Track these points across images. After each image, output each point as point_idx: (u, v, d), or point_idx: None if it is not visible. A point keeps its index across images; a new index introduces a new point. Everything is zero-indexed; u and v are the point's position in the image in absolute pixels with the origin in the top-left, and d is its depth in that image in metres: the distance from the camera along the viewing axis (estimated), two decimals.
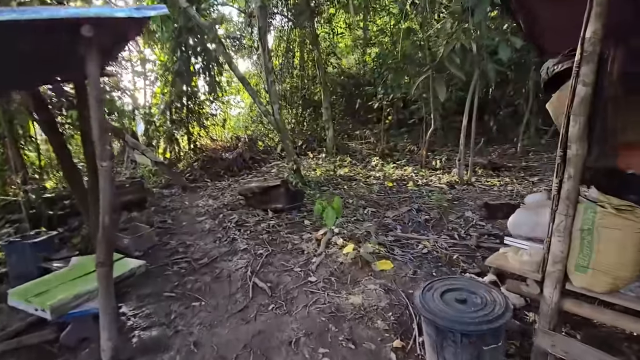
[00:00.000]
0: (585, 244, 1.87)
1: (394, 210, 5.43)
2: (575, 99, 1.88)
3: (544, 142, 9.39)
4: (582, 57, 1.83)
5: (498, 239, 4.07)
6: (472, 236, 4.20)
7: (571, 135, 1.90)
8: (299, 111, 14.38)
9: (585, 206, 1.86)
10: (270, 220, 5.30)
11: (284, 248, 4.15)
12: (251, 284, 3.29)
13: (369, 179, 7.93)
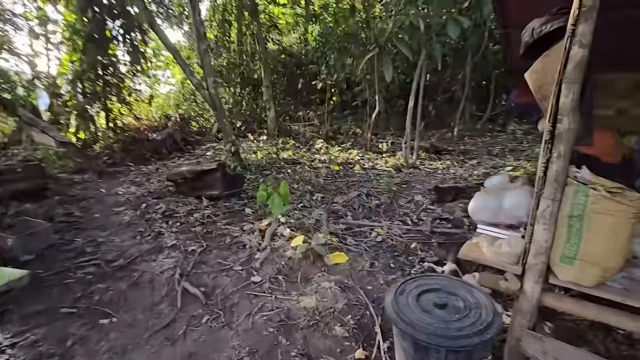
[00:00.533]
0: (573, 232, 1.65)
1: (343, 195, 5.10)
2: (569, 63, 1.60)
3: (479, 127, 9.85)
4: (579, 13, 1.55)
5: (450, 223, 3.97)
6: (425, 221, 4.05)
7: (563, 106, 1.63)
8: (237, 90, 13.34)
9: (576, 189, 1.63)
10: (204, 210, 4.63)
11: (222, 242, 3.56)
12: (180, 289, 2.68)
13: (314, 162, 7.52)
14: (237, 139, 10.95)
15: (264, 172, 6.80)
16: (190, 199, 5.14)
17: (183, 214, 4.45)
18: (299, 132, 11.52)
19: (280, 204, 3.13)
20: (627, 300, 1.58)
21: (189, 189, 5.27)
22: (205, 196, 5.07)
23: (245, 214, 4.46)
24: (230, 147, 6.66)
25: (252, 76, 13.21)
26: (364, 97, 10.57)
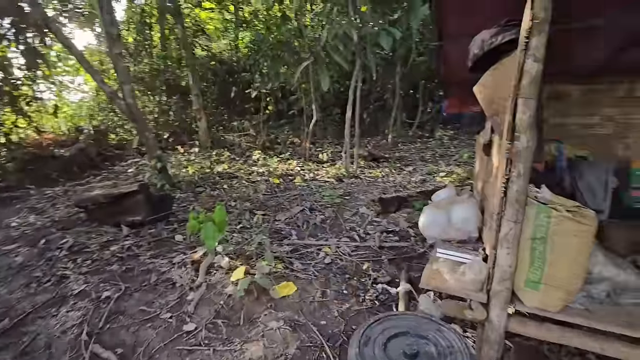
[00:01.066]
0: (536, 254, 1.57)
1: (285, 211, 4.79)
2: (524, 77, 1.52)
3: (411, 133, 10.30)
4: (532, 26, 1.48)
5: (397, 236, 3.89)
6: (371, 235, 3.92)
7: (520, 122, 1.55)
8: (162, 98, 12.23)
9: (537, 210, 1.55)
10: (124, 241, 3.96)
11: (146, 282, 3.00)
12: (87, 355, 2.12)
13: (251, 175, 7.08)
14: (165, 153, 9.99)
15: (196, 189, 6.19)
16: (107, 227, 4.39)
17: (96, 248, 3.73)
18: (234, 143, 10.92)
19: (216, 235, 2.70)
20: (592, 323, 1.54)
21: (105, 216, 4.50)
22: (125, 223, 4.36)
23: (175, 243, 3.89)
24: (156, 162, 5.92)
25: (179, 83, 12.23)
26: (300, 106, 10.41)
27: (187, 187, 6.20)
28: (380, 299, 2.63)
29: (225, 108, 13.23)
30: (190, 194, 5.90)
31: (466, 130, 10.96)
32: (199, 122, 10.29)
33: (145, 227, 4.36)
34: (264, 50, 10.52)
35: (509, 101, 1.63)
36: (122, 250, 3.71)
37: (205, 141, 10.35)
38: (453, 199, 2.69)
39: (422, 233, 2.70)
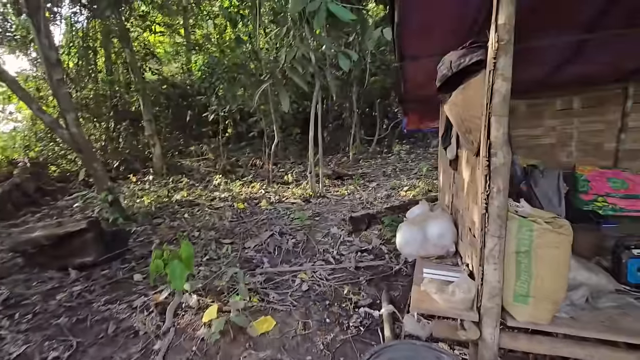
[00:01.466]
0: (522, 268, 1.59)
1: (254, 238, 4.58)
2: (495, 96, 1.57)
3: (371, 150, 10.55)
4: (498, 48, 1.54)
5: (371, 254, 3.86)
6: (346, 256, 3.85)
7: (495, 140, 1.58)
8: (110, 125, 11.49)
9: (519, 224, 1.58)
10: (73, 286, 3.53)
11: (102, 334, 2.65)
12: None
13: (214, 201, 6.77)
14: (115, 183, 9.32)
15: (154, 220, 5.76)
16: (51, 272, 3.91)
17: (38, 298, 3.27)
18: (192, 168, 10.48)
19: (184, 272, 2.47)
20: (577, 332, 1.57)
21: (48, 259, 4.01)
22: (73, 266, 3.91)
23: (133, 283, 3.53)
24: (106, 195, 5.44)
25: (128, 109, 11.61)
26: (260, 128, 10.29)
27: (143, 219, 5.75)
28: (365, 324, 2.54)
29: (181, 132, 12.73)
30: (147, 226, 5.47)
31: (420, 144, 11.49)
32: (153, 148, 9.78)
33: (97, 268, 3.93)
34: (218, 73, 10.38)
35: (481, 119, 1.67)
36: (71, 297, 3.28)
37: (160, 168, 9.83)
38: (427, 215, 2.71)
39: (400, 251, 2.68)
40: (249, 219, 5.43)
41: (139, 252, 4.35)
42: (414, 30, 2.55)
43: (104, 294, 3.33)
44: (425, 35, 2.61)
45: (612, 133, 3.72)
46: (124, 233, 4.58)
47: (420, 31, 2.55)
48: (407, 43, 2.75)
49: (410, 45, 2.79)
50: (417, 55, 2.96)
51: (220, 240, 4.61)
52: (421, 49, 2.84)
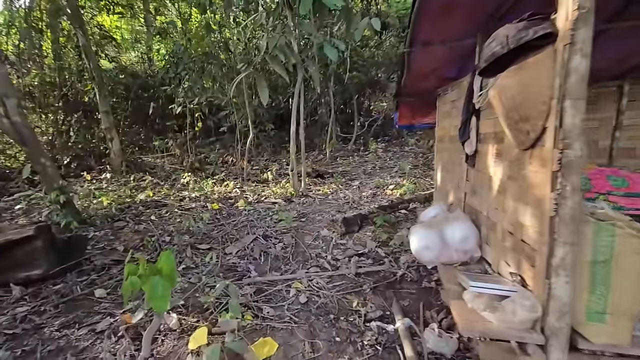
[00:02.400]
0: (598, 280, 1.35)
1: (235, 242, 4.13)
2: (572, 76, 1.32)
3: (350, 147, 10.32)
4: (577, 17, 1.28)
5: (368, 259, 3.57)
6: (341, 261, 3.54)
7: (570, 128, 1.33)
8: (59, 117, 10.29)
9: (597, 228, 1.34)
10: (16, 307, 2.89)
11: None
12: None
13: (184, 202, 6.17)
14: (66, 182, 8.32)
15: (115, 223, 5.09)
16: None
17: None
18: (156, 165, 9.65)
19: (167, 291, 2.00)
20: None
21: None
22: (17, 281, 3.24)
23: (95, 300, 2.97)
24: (57, 195, 4.70)
25: (81, 99, 10.46)
26: (230, 123, 9.69)
27: (102, 223, 5.06)
28: (380, 342, 2.23)
29: (141, 126, 11.74)
30: (107, 230, 4.81)
31: (395, 142, 11.47)
32: (110, 143, 8.85)
33: (48, 283, 3.29)
34: (185, 62, 9.64)
35: (546, 103, 1.41)
36: (14, 322, 2.67)
37: (119, 165, 8.92)
38: (445, 217, 2.45)
39: (417, 257, 2.40)
40: (226, 221, 4.94)
41: (99, 262, 3.74)
42: (434, 11, 2.28)
43: (58, 316, 2.75)
44: (444, 17, 2.35)
45: (607, 131, 3.72)
46: (81, 239, 3.93)
47: (440, 12, 2.28)
48: (424, 25, 2.47)
49: (425, 29, 2.52)
50: (429, 40, 2.71)
51: (196, 245, 4.11)
52: (436, 32, 2.59)
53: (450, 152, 3.33)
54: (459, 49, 2.85)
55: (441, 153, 3.76)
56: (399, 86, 3.59)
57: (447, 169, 3.48)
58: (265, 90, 5.86)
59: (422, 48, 2.77)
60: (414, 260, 3.43)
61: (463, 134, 2.53)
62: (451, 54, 2.93)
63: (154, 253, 4.02)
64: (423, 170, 7.37)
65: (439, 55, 2.98)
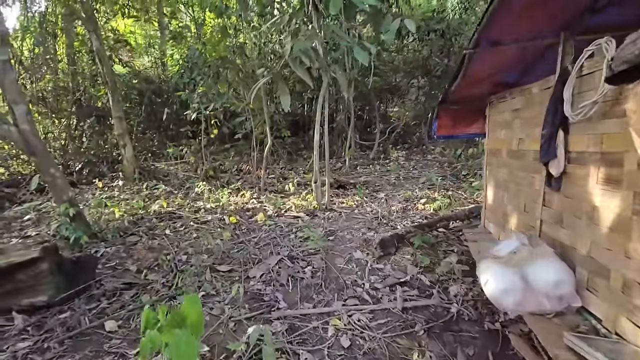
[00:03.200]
0: None
1: (259, 264, 3.73)
2: None
3: (372, 156, 9.91)
4: None
5: (413, 288, 3.13)
6: (381, 290, 3.11)
7: None
8: (72, 122, 10.12)
9: None
10: (18, 340, 2.54)
11: None
12: None
13: (199, 213, 5.81)
14: (78, 188, 8.09)
15: (127, 238, 4.75)
16: None
17: None
18: (168, 173, 9.36)
19: (193, 349, 1.59)
20: None
21: None
22: (20, 309, 2.90)
23: (106, 335, 2.60)
24: (67, 208, 4.39)
25: (94, 104, 10.29)
26: (246, 129, 9.36)
27: (114, 237, 4.73)
28: None
29: (154, 132, 11.52)
30: (119, 246, 4.47)
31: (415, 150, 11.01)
32: (123, 149, 8.58)
33: (53, 311, 2.94)
34: (199, 67, 9.40)
35: None
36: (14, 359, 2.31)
37: (132, 172, 8.65)
38: (528, 253, 2.01)
39: (495, 302, 1.97)
40: (246, 237, 4.56)
41: (110, 286, 3.37)
42: (519, 5, 1.87)
43: (63, 353, 2.38)
44: (528, 11, 1.94)
45: None
46: (90, 260, 3.57)
47: (527, 5, 1.88)
48: (500, 22, 2.06)
49: (499, 26, 2.11)
50: (499, 39, 2.29)
51: (215, 267, 3.72)
52: (511, 31, 2.17)
53: (511, 168, 2.90)
54: (530, 50, 2.43)
55: (495, 168, 3.32)
56: (447, 92, 3.18)
57: (506, 187, 3.04)
58: (287, 97, 5.49)
59: (487, 49, 2.36)
60: (466, 292, 2.99)
61: (547, 152, 2.09)
62: (519, 56, 2.52)
63: (170, 274, 3.65)
64: (452, 181, 6.91)
65: (502, 58, 2.57)
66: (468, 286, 3.08)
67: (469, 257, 3.55)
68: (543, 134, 2.12)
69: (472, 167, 7.33)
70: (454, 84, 2.91)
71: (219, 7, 7.83)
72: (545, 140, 2.09)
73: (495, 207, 3.33)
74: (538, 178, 2.38)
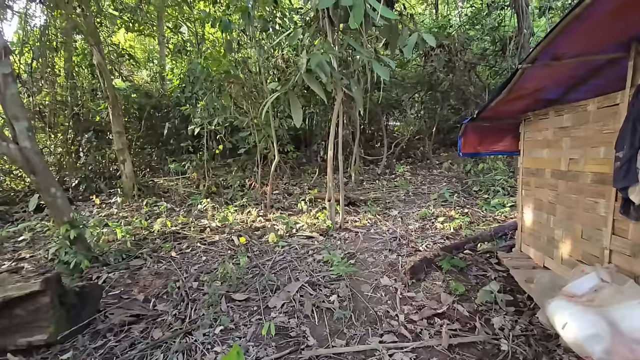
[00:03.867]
0: None
1: (278, 292, 3.45)
2: None
3: (379, 172, 9.72)
4: None
5: (453, 321, 2.87)
6: (418, 323, 2.84)
7: None
8: (69, 136, 9.83)
9: None
10: None
11: None
12: None
13: (205, 233, 5.52)
14: (74, 205, 7.74)
15: (131, 262, 4.43)
16: None
17: None
18: (169, 189, 9.05)
19: None
20: None
21: None
22: (16, 348, 2.58)
23: None
24: (67, 230, 4.08)
25: (92, 119, 10.01)
26: (249, 144, 9.14)
27: (116, 261, 4.41)
28: None
29: (154, 147, 11.23)
30: (123, 271, 4.15)
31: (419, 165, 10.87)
32: (123, 165, 8.29)
33: (54, 350, 2.62)
34: (202, 81, 9.23)
35: None
36: None
37: (131, 188, 8.34)
38: (614, 291, 1.78)
39: (577, 351, 1.72)
40: (260, 261, 4.27)
41: (117, 319, 3.05)
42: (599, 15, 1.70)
43: None
44: (603, 24, 1.77)
45: None
46: (94, 289, 3.26)
47: (602, 19, 1.71)
48: (571, 35, 1.88)
49: (569, 40, 1.93)
50: (563, 53, 2.11)
51: (231, 295, 3.42)
52: (578, 44, 2.00)
53: (558, 189, 2.69)
54: (585, 65, 2.26)
55: (534, 188, 3.12)
56: (485, 108, 3.00)
57: (552, 210, 2.82)
58: (300, 112, 5.30)
59: (545, 63, 2.18)
60: (512, 325, 2.74)
61: (626, 176, 1.88)
62: (572, 71, 2.36)
63: (181, 304, 3.35)
64: (465, 198, 6.72)
65: (552, 73, 2.40)
66: (512, 318, 2.84)
67: (507, 283, 3.31)
68: (618, 156, 1.92)
69: (485, 183, 7.15)
70: (495, 99, 2.73)
71: (223, 22, 7.71)
72: (622, 164, 1.89)
73: (536, 231, 3.11)
74: (603, 203, 2.17)
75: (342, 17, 4.79)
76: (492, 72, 10.06)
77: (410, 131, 11.00)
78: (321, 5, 4.26)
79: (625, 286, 1.81)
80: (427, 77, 9.68)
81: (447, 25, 9.12)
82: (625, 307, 1.63)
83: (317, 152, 10.72)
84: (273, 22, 7.80)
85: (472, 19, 9.08)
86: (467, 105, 10.27)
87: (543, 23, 10.10)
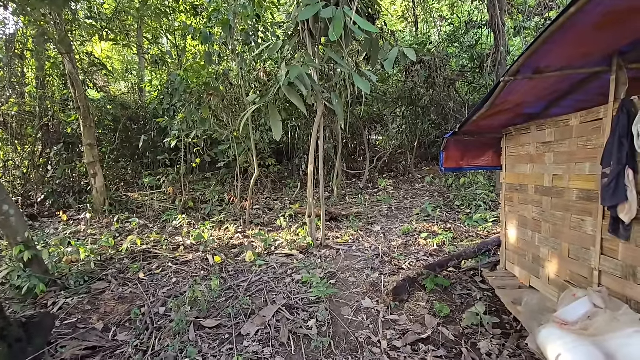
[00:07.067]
0: None
1: (252, 316, 3.20)
2: None
3: (362, 185, 9.61)
4: None
5: (437, 347, 2.69)
6: (402, 350, 2.65)
7: None
8: (37, 148, 9.32)
9: None
10: None
11: None
12: None
13: (178, 252, 5.20)
14: (38, 222, 7.26)
15: (94, 285, 4.08)
16: None
17: None
18: (143, 204, 8.63)
19: None
20: None
21: None
22: None
23: None
24: (21, 252, 3.72)
25: (63, 130, 9.54)
26: (229, 157, 8.89)
27: (77, 284, 4.05)
28: None
29: (128, 161, 10.79)
30: (83, 296, 3.80)
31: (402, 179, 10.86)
32: (93, 179, 7.87)
33: None
34: (180, 93, 8.98)
35: None
36: None
37: (102, 203, 7.91)
38: (608, 318, 1.66)
39: None
40: (234, 282, 4.00)
41: (68, 353, 2.72)
42: (579, 29, 1.63)
43: None
44: (587, 37, 1.71)
45: None
46: (44, 319, 2.92)
47: (587, 31, 1.64)
48: (553, 47, 1.82)
49: (550, 52, 1.87)
50: (546, 66, 2.04)
51: (200, 322, 3.15)
52: (562, 56, 1.94)
53: (542, 206, 2.61)
54: (568, 79, 2.22)
55: (517, 204, 3.03)
56: (466, 122, 2.93)
57: (536, 227, 2.73)
58: (279, 124, 5.15)
59: (528, 76, 2.11)
60: (500, 350, 2.60)
61: (614, 193, 1.79)
62: (554, 85, 2.31)
63: (145, 333, 3.04)
64: (447, 212, 6.66)
65: (535, 88, 2.34)
66: (499, 341, 2.69)
67: (493, 303, 3.19)
68: (605, 172, 1.84)
69: (466, 198, 7.14)
70: (477, 113, 2.65)
71: (203, 34, 7.56)
72: (610, 181, 1.80)
73: (521, 248, 3.01)
74: (590, 221, 2.08)
75: (322, 30, 4.74)
76: (470, 88, 10.26)
77: (392, 145, 11.03)
78: (301, 17, 4.18)
79: (619, 313, 1.70)
80: (408, 92, 9.78)
81: (427, 42, 9.29)
82: (621, 337, 1.50)
83: (299, 165, 10.54)
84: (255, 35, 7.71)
85: (451, 36, 9.29)
86: (447, 121, 10.41)
87: (518, 42, 10.45)
